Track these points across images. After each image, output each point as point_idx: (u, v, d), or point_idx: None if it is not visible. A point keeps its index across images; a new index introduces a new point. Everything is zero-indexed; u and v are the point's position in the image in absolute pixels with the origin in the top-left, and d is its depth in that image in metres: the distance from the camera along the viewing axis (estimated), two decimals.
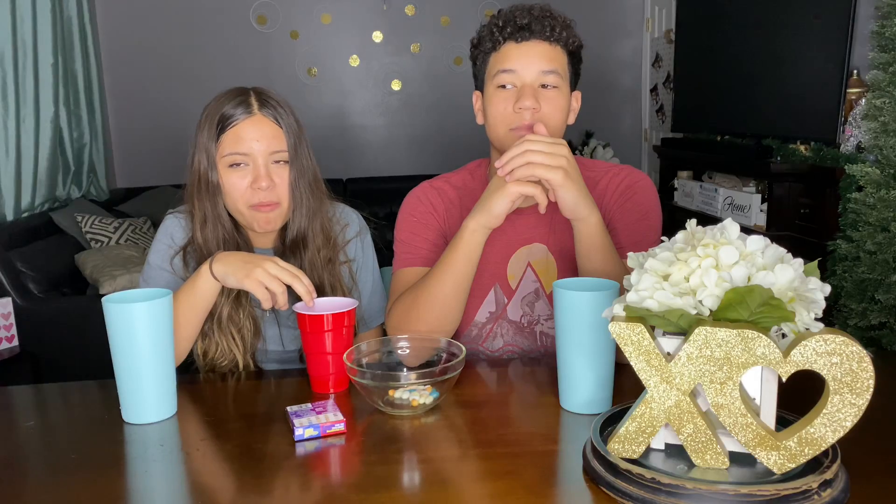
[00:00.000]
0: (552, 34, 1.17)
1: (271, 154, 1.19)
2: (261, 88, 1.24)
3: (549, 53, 1.17)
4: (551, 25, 1.17)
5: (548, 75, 1.16)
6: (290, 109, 1.23)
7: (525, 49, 1.17)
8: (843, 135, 2.35)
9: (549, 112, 1.17)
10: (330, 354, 1.05)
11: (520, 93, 1.16)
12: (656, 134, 4.40)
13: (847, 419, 0.68)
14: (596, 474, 0.75)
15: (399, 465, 0.83)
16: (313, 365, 1.07)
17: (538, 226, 1.26)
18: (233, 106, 1.19)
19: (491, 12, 4.42)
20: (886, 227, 1.97)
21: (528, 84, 1.16)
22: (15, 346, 2.58)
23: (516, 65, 1.16)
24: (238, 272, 1.09)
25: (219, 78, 4.27)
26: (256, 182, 1.17)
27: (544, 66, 1.16)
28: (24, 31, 3.19)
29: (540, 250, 1.26)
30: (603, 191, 1.26)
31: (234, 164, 1.18)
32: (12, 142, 3.14)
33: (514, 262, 1.27)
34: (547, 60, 1.17)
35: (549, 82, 1.17)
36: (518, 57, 1.17)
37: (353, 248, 1.33)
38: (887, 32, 1.96)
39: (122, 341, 0.95)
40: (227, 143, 1.18)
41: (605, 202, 1.25)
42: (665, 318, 0.72)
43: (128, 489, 0.81)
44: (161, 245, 1.27)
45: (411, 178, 4.36)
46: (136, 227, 3.44)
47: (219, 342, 1.22)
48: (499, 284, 1.28)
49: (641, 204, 1.25)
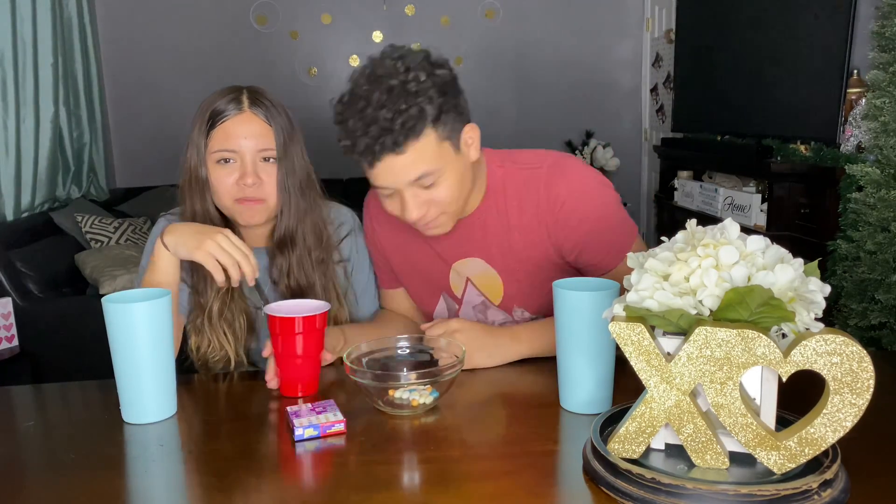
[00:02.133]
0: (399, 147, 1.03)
1: (259, 151, 1.19)
2: (255, 87, 1.24)
3: (403, 163, 1.04)
4: (393, 141, 1.02)
5: (419, 180, 1.06)
6: (282, 109, 1.23)
7: (382, 171, 1.06)
8: (843, 135, 2.35)
9: (438, 203, 1.09)
10: (300, 357, 1.04)
11: (401, 203, 1.09)
12: (656, 134, 4.40)
13: (847, 419, 0.68)
14: (596, 474, 0.75)
15: (399, 465, 0.83)
16: (283, 368, 1.05)
17: (472, 238, 1.21)
18: (224, 102, 1.19)
19: (491, 12, 4.44)
20: (886, 227, 1.97)
21: (409, 196, 1.08)
22: (15, 346, 2.59)
23: (386, 182, 1.07)
24: (189, 242, 1.10)
25: (219, 78, 4.26)
26: (243, 178, 1.18)
27: (407, 176, 1.05)
28: (24, 31, 3.20)
29: (477, 265, 1.23)
30: (535, 200, 1.17)
31: (223, 160, 1.19)
32: (12, 142, 3.14)
33: (454, 277, 1.26)
34: (405, 171, 1.05)
35: (425, 184, 1.07)
36: (382, 176, 1.07)
37: (346, 248, 1.33)
38: (887, 32, 1.96)
39: (122, 341, 0.95)
40: (217, 139, 1.18)
41: (540, 215, 1.17)
42: (665, 318, 0.72)
43: (127, 489, 0.81)
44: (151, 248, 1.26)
45: None
46: (135, 227, 3.44)
47: (210, 338, 1.22)
48: (445, 293, 1.29)
49: (576, 212, 1.15)
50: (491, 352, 1.12)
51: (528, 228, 1.18)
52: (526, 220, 1.18)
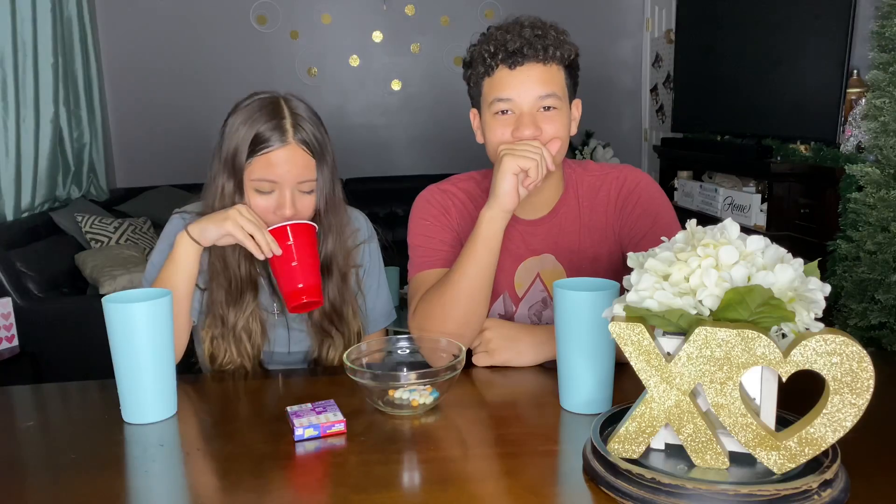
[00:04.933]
0: (546, 55, 1.13)
1: (299, 183, 1.17)
2: (294, 104, 1.20)
3: (544, 76, 1.13)
4: (544, 46, 1.12)
5: (545, 98, 1.13)
6: (317, 124, 1.20)
7: (519, 75, 1.13)
8: (843, 135, 2.35)
9: (550, 133, 1.15)
10: (296, 263, 1.11)
11: (518, 120, 1.13)
12: (656, 134, 4.40)
13: (847, 419, 0.68)
14: (596, 474, 0.75)
15: (399, 465, 0.83)
16: (283, 280, 1.12)
17: (547, 237, 1.27)
18: (269, 128, 1.15)
19: (491, 12, 4.45)
20: (886, 227, 1.97)
21: (527, 111, 1.14)
22: (15, 346, 2.59)
23: (512, 93, 1.13)
24: (215, 218, 1.13)
25: (219, 78, 4.28)
26: (280, 209, 1.16)
27: (541, 90, 1.13)
28: (24, 31, 3.19)
29: (549, 261, 1.27)
30: (605, 199, 1.26)
31: (260, 190, 1.17)
32: (12, 142, 3.14)
33: (522, 272, 1.28)
34: (543, 84, 1.13)
35: (547, 104, 1.14)
36: (513, 85, 1.13)
37: (361, 253, 1.33)
38: (887, 32, 1.96)
39: (122, 341, 0.95)
40: (258, 168, 1.16)
41: (608, 213, 1.26)
42: (665, 318, 0.72)
43: (127, 489, 0.81)
44: (164, 245, 1.25)
45: (411, 178, 4.36)
46: (136, 227, 3.44)
47: (227, 349, 1.22)
48: (507, 293, 1.29)
49: (648, 207, 1.24)
50: (521, 349, 1.13)
51: (596, 227, 1.26)
52: (595, 218, 1.26)
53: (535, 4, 4.45)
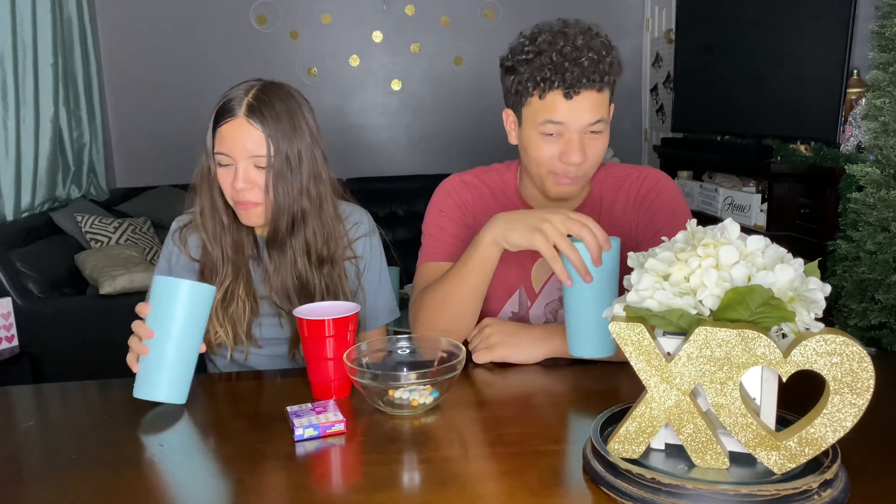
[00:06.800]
0: (601, 83, 1.13)
1: (250, 158, 1.18)
2: (264, 87, 1.21)
3: (596, 104, 1.13)
4: (601, 75, 1.12)
5: (595, 124, 1.15)
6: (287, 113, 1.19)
7: (574, 104, 1.12)
8: (843, 135, 2.35)
9: (593, 156, 1.17)
10: (331, 360, 1.03)
11: (566, 144, 1.14)
12: (656, 134, 4.40)
13: (847, 419, 0.68)
14: (596, 474, 0.75)
15: (399, 465, 0.83)
16: (314, 371, 1.04)
17: None
18: (230, 102, 1.19)
19: (491, 12, 4.45)
20: (886, 227, 1.97)
21: (576, 136, 1.14)
22: (15, 346, 2.59)
23: (564, 118, 1.13)
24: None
25: (219, 78, 4.27)
26: (235, 182, 1.19)
27: (592, 117, 1.13)
28: (24, 31, 3.19)
29: None
30: (625, 198, 1.29)
31: (221, 164, 1.20)
32: (12, 142, 3.13)
33: (538, 269, 1.29)
34: (594, 111, 1.13)
35: (596, 129, 1.15)
36: (566, 111, 1.13)
37: (361, 246, 1.34)
38: (887, 32, 1.96)
39: (160, 314, 1.00)
40: (217, 140, 1.20)
41: (627, 211, 1.28)
42: (665, 318, 0.72)
43: (127, 489, 0.81)
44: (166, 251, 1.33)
45: (411, 178, 4.37)
46: (135, 227, 3.44)
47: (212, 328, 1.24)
48: (523, 287, 1.30)
49: (665, 204, 1.26)
50: (520, 343, 1.14)
51: (615, 226, 1.28)
52: (615, 217, 1.28)
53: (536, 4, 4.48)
